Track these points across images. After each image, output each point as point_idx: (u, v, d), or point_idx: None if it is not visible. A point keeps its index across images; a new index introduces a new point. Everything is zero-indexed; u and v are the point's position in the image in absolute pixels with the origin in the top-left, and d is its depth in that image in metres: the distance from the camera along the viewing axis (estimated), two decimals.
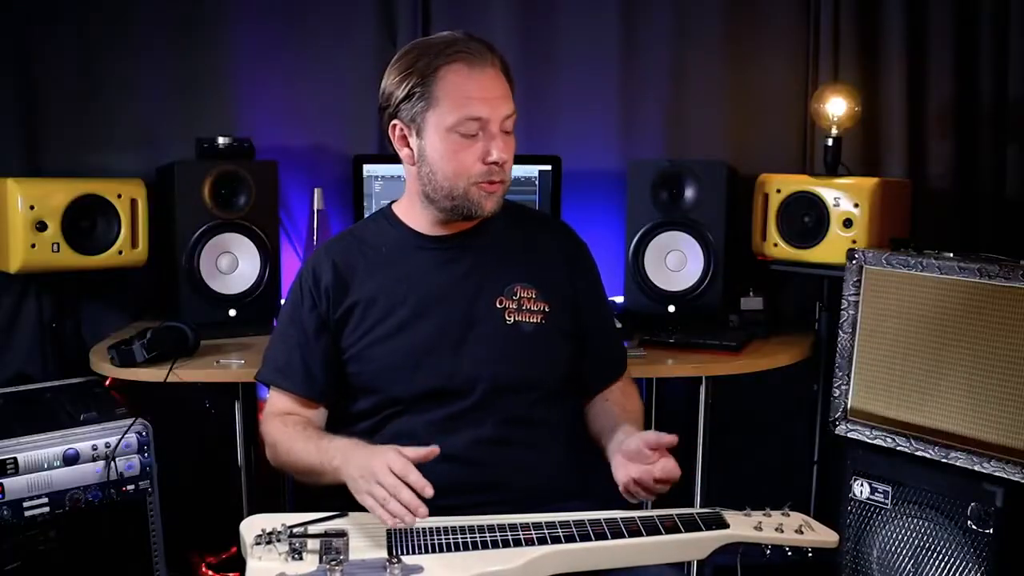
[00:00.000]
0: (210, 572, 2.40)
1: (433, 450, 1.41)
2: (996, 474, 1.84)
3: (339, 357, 1.64)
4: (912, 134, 2.64)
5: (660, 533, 1.44)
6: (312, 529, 1.40)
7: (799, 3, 2.73)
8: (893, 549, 2.02)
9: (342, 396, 1.66)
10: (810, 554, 1.50)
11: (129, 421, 1.99)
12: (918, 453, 1.95)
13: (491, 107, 1.52)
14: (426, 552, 1.36)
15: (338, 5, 2.63)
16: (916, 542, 1.98)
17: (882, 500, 2.04)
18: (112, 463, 1.95)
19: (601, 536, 1.42)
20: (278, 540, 1.36)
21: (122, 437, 1.97)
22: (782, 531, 1.49)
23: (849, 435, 2.07)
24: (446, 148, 1.53)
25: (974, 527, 1.89)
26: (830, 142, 2.41)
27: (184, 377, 2.05)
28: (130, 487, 1.99)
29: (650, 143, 2.75)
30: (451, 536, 1.39)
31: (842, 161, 2.42)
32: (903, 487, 2.00)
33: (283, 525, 1.38)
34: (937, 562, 1.95)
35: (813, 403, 2.53)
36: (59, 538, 1.92)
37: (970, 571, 1.90)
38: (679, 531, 1.45)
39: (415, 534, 1.39)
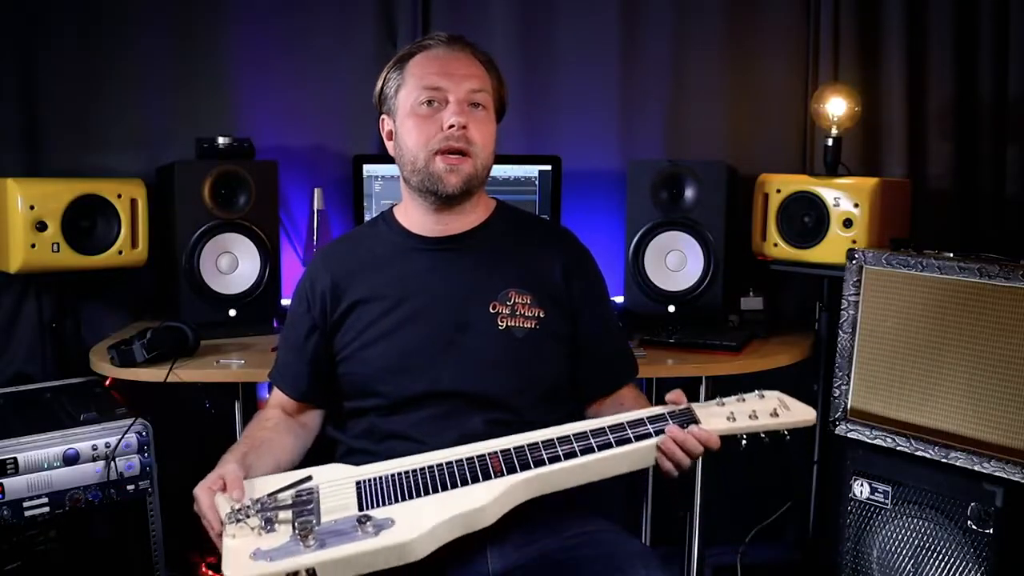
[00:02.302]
0: (210, 572, 2.40)
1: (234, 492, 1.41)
2: (996, 474, 1.84)
3: (332, 360, 1.65)
4: (912, 134, 2.64)
5: (631, 442, 1.42)
6: (281, 497, 1.39)
7: (799, 3, 2.73)
8: (893, 549, 2.02)
9: (338, 396, 1.68)
10: (787, 437, 1.47)
11: (129, 421, 1.99)
12: (918, 453, 1.95)
13: (451, 80, 1.57)
14: (395, 502, 1.36)
15: (338, 5, 2.63)
16: (916, 542, 1.98)
17: (882, 500, 2.04)
18: (112, 463, 1.95)
19: (571, 455, 1.40)
20: (247, 516, 1.35)
21: (122, 437, 1.97)
22: (756, 417, 1.46)
23: (849, 435, 2.07)
24: (412, 123, 1.58)
25: (974, 527, 1.89)
26: (830, 142, 2.41)
27: (184, 377, 2.05)
28: (130, 487, 1.99)
29: (650, 143, 2.75)
30: (418, 478, 1.38)
31: (842, 161, 2.42)
32: (903, 487, 2.00)
33: (251, 499, 1.37)
34: (937, 562, 1.95)
35: (813, 403, 2.53)
36: (59, 538, 1.92)
37: (970, 571, 1.90)
38: (650, 437, 1.43)
39: (381, 483, 1.39)
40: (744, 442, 1.47)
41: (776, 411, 1.47)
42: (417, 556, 1.31)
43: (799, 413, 1.48)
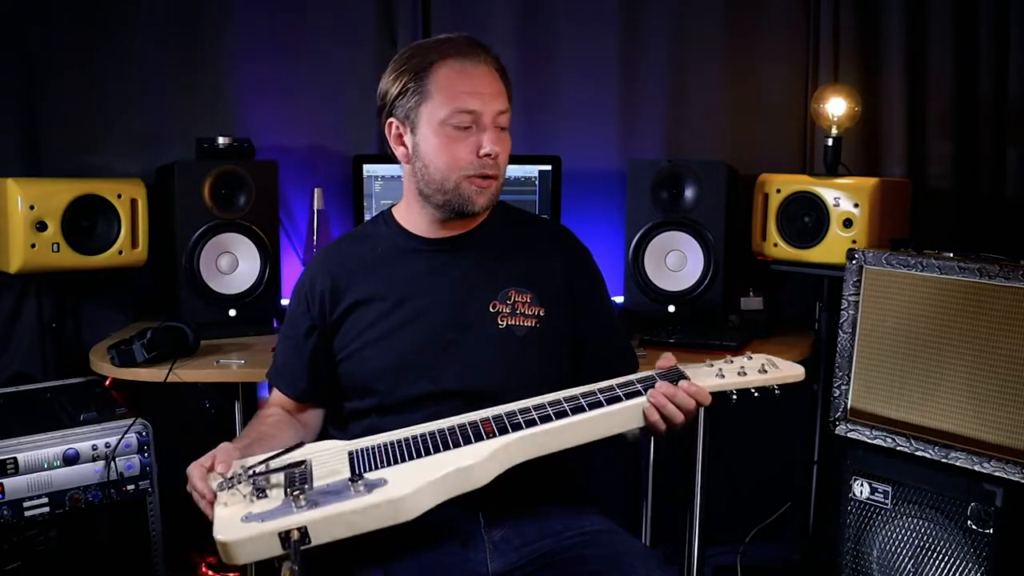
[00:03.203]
0: (210, 572, 2.40)
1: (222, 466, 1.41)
2: (996, 474, 1.84)
3: (331, 360, 1.65)
4: (912, 134, 2.64)
5: (621, 400, 1.42)
6: (274, 464, 1.38)
7: (799, 4, 2.73)
8: (893, 549, 2.02)
9: (338, 396, 1.68)
10: (777, 391, 1.47)
11: (129, 421, 1.99)
12: (918, 453, 1.95)
13: (483, 101, 1.54)
14: (388, 465, 1.36)
15: (338, 5, 2.63)
16: (916, 542, 1.98)
17: (882, 500, 2.04)
18: (112, 463, 1.96)
19: (562, 415, 1.40)
20: (239, 483, 1.34)
21: (122, 437, 1.97)
22: (745, 374, 1.47)
23: (849, 435, 2.07)
24: (439, 141, 1.54)
25: (974, 527, 1.89)
26: (830, 142, 2.41)
27: (184, 377, 2.05)
28: (130, 487, 1.99)
29: (650, 143, 2.76)
30: (410, 444, 1.39)
31: (842, 161, 2.42)
32: (903, 487, 2.00)
33: (242, 468, 1.37)
34: (937, 562, 1.95)
35: (813, 403, 2.53)
36: (59, 538, 1.92)
37: (970, 571, 1.90)
38: (640, 395, 1.43)
39: (374, 451, 1.40)
40: (735, 398, 1.47)
41: (764, 367, 1.48)
42: (410, 515, 1.30)
43: (787, 369, 1.49)
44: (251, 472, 1.36)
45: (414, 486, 1.30)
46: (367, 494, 1.29)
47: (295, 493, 1.29)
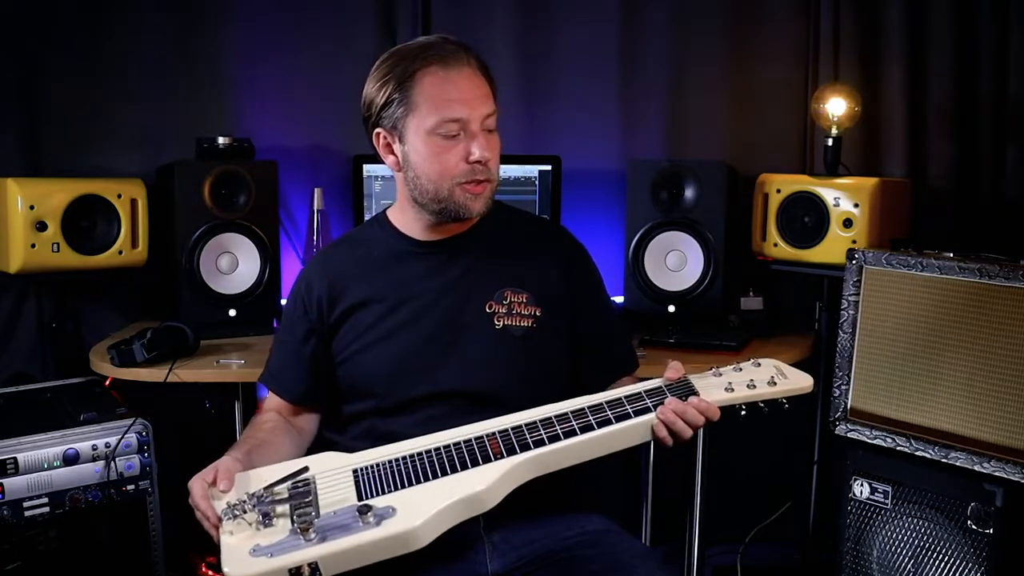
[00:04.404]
0: (210, 572, 2.40)
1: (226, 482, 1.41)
2: (996, 474, 1.84)
3: (330, 363, 1.65)
4: (912, 134, 2.64)
5: (630, 418, 1.41)
6: (278, 489, 1.38)
7: (799, 3, 2.73)
8: (893, 549, 2.02)
9: (336, 399, 1.68)
10: (786, 405, 1.44)
11: (129, 421, 1.99)
12: (918, 453, 1.95)
13: (469, 107, 1.53)
14: (395, 489, 1.35)
15: (338, 5, 2.63)
16: (916, 542, 1.98)
17: (882, 500, 2.04)
18: (112, 463, 1.96)
19: (570, 434, 1.38)
20: (244, 511, 1.34)
21: (122, 437, 1.97)
22: (754, 386, 1.43)
23: (849, 435, 2.07)
24: (428, 151, 1.54)
25: (974, 527, 1.89)
26: (830, 142, 2.41)
27: (184, 377, 2.05)
28: (130, 487, 1.99)
29: (650, 143, 2.75)
30: (416, 464, 1.38)
31: (842, 161, 2.42)
32: (903, 487, 2.00)
33: (247, 494, 1.36)
34: (937, 562, 1.95)
35: (813, 403, 2.53)
36: (59, 538, 1.92)
37: (970, 571, 1.90)
38: (649, 412, 1.41)
39: (380, 471, 1.39)
40: (743, 412, 1.44)
41: (773, 379, 1.44)
42: (420, 544, 1.30)
43: (796, 380, 1.45)
44: (256, 499, 1.35)
45: (423, 517, 1.30)
46: (376, 527, 1.29)
47: (302, 523, 1.29)
